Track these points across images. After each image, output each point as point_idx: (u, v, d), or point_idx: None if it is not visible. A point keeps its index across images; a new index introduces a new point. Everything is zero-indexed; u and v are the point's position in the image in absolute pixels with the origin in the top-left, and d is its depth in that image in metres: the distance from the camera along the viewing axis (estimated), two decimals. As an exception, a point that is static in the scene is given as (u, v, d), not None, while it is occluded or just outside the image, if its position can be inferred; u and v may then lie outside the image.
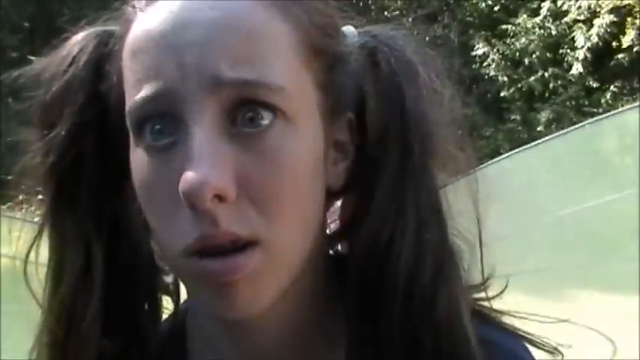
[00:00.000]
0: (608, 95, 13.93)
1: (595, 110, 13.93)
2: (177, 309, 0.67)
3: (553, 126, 14.09)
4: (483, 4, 15.84)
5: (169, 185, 0.52)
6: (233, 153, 0.52)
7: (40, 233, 0.62)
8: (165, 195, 0.52)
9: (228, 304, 0.53)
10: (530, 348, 0.64)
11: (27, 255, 0.63)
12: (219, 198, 0.50)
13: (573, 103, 14.38)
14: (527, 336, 0.64)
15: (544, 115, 14.31)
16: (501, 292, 0.65)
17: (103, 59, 0.60)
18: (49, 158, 0.60)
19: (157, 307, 0.66)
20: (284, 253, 0.54)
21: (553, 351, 0.65)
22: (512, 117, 14.96)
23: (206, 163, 0.50)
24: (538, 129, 14.31)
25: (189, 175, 0.49)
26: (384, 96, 0.59)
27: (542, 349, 0.65)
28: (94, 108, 0.60)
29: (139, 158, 0.55)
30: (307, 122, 0.55)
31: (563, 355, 0.66)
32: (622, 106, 13.15)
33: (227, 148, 0.52)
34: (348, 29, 0.61)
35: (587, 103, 14.28)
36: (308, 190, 0.56)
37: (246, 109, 0.52)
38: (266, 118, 0.52)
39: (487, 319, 0.63)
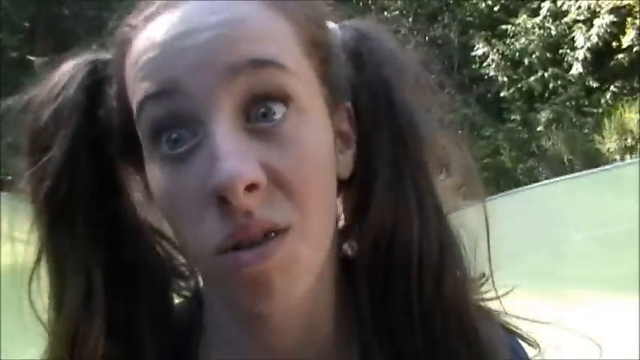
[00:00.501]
0: (608, 95, 13.92)
1: (595, 110, 13.95)
2: (192, 300, 0.67)
3: (553, 126, 14.10)
4: (483, 4, 15.84)
5: (194, 189, 0.52)
6: (254, 145, 0.52)
7: (38, 260, 0.62)
8: (190, 200, 0.53)
9: (263, 296, 0.53)
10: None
11: (30, 279, 0.62)
12: (249, 189, 0.51)
13: (573, 103, 14.38)
14: (517, 331, 0.67)
15: (544, 115, 14.31)
16: (505, 294, 0.67)
17: (97, 85, 0.61)
18: (42, 185, 0.60)
19: (168, 316, 0.65)
20: (315, 237, 0.55)
21: (537, 346, 0.68)
22: (512, 117, 14.97)
23: (233, 157, 0.50)
24: (538, 129, 14.32)
25: (218, 171, 0.50)
26: (371, 87, 0.61)
27: (530, 344, 0.67)
28: (88, 132, 0.60)
29: (157, 169, 0.55)
30: (316, 112, 0.57)
31: (540, 349, 0.68)
32: (622, 106, 13.17)
33: (248, 141, 0.52)
34: (329, 24, 0.63)
35: (587, 103, 14.29)
36: (327, 176, 0.57)
37: (258, 106, 0.53)
38: (278, 112, 0.53)
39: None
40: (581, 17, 14.10)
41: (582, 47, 13.92)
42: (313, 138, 0.55)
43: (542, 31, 14.70)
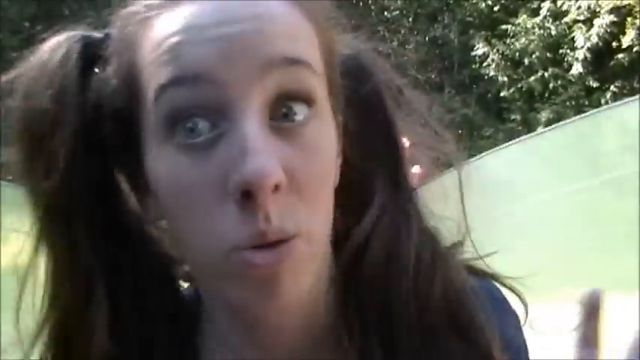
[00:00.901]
0: (608, 95, 13.90)
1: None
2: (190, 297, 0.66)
3: (553, 126, 14.10)
4: (483, 4, 15.82)
5: (212, 181, 0.51)
6: (278, 145, 0.52)
7: (35, 254, 0.60)
8: (205, 194, 0.51)
9: (270, 297, 0.52)
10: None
11: (25, 275, 0.60)
12: (273, 190, 0.50)
13: (573, 103, 14.37)
14: (492, 274, 0.67)
15: (544, 115, 14.30)
16: (487, 255, 0.68)
17: (89, 64, 0.58)
18: (40, 177, 0.57)
19: (176, 312, 0.64)
20: (320, 242, 0.55)
21: (524, 301, 0.68)
22: (512, 117, 14.95)
23: (264, 153, 0.49)
24: (538, 129, 14.31)
25: (249, 165, 0.49)
26: (365, 107, 0.63)
27: (505, 286, 0.68)
28: (83, 117, 0.57)
29: (167, 158, 0.53)
30: (329, 119, 0.57)
31: (526, 303, 0.68)
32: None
33: (273, 139, 0.51)
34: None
35: (587, 103, 14.26)
36: (332, 184, 0.57)
37: (281, 105, 0.53)
38: (300, 114, 0.53)
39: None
40: (581, 17, 14.08)
41: (582, 47, 13.90)
42: (329, 144, 0.56)
43: (542, 31, 14.68)
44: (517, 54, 14.90)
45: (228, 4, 0.53)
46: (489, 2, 15.76)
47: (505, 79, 15.01)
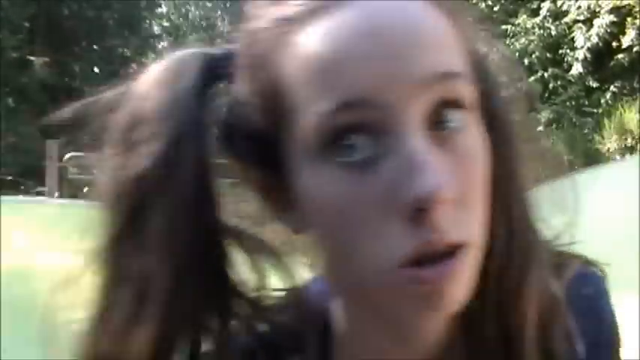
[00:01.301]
0: (608, 95, 13.91)
1: (595, 110, 13.95)
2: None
3: (553, 126, 14.10)
4: (483, 4, 15.84)
5: (376, 200, 0.51)
6: (441, 156, 0.51)
7: (90, 263, 0.58)
8: (370, 211, 0.51)
9: (434, 308, 0.52)
10: None
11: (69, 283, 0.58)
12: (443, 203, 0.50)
13: (573, 103, 14.38)
14: (591, 260, 0.67)
15: (544, 115, 14.30)
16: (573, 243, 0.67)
17: (212, 81, 0.58)
18: (130, 174, 0.56)
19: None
20: (479, 251, 0.55)
21: (604, 272, 0.68)
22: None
23: (435, 169, 0.50)
24: (538, 129, 14.32)
25: (422, 182, 0.49)
26: (489, 119, 0.60)
27: (602, 272, 0.68)
28: (195, 128, 0.57)
29: (325, 177, 0.52)
30: (479, 125, 0.56)
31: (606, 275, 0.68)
32: (622, 106, 13.16)
33: (437, 152, 0.51)
34: None
35: (587, 103, 14.29)
36: (487, 192, 0.56)
37: (437, 114, 0.52)
38: (455, 121, 0.53)
39: None
40: (581, 17, 14.08)
41: (582, 47, 13.90)
42: (483, 151, 0.55)
43: (542, 31, 14.69)
44: (517, 54, 14.91)
45: (374, 14, 0.51)
46: (489, 2, 15.77)
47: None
